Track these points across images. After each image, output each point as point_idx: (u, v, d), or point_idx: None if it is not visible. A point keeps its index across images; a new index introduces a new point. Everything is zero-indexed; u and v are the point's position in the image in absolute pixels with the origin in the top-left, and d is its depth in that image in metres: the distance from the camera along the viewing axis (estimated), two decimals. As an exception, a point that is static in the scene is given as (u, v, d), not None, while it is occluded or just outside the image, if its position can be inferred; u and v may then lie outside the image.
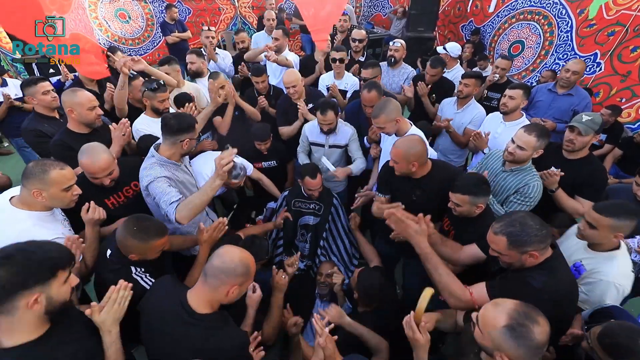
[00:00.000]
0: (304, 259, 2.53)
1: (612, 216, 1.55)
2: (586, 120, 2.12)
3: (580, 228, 1.69)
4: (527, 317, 1.07)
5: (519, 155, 2.03)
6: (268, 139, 2.80)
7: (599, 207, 1.61)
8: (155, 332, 1.37)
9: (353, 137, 2.74)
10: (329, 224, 2.45)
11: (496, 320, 1.10)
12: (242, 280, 1.32)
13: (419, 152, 1.90)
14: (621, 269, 1.61)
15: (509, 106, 2.66)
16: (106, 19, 6.89)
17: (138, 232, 1.55)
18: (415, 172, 1.96)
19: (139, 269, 1.64)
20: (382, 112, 2.21)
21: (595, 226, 1.59)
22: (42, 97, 2.50)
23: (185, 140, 1.91)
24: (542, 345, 1.05)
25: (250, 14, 8.12)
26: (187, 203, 1.71)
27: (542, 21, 5.42)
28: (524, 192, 2.02)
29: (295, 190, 2.54)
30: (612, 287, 1.57)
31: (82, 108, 2.21)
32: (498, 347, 1.09)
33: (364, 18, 8.93)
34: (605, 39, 4.47)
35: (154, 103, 2.54)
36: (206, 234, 1.82)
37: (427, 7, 5.79)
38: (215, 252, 1.36)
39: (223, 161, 1.62)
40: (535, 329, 1.05)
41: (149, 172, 1.83)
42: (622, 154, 3.69)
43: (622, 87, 4.32)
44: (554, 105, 3.29)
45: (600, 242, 1.65)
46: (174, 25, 5.70)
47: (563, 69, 3.25)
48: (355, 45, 3.81)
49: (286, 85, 2.91)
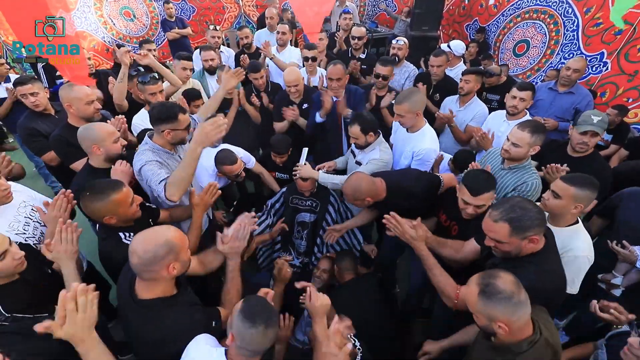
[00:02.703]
0: (299, 255, 2.52)
1: (575, 185, 1.61)
2: (598, 121, 2.11)
3: (544, 198, 1.73)
4: (489, 276, 1.19)
5: (514, 152, 2.02)
6: (286, 154, 2.76)
7: (564, 178, 1.68)
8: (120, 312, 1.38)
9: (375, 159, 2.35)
10: (326, 221, 2.43)
11: (473, 295, 1.19)
12: (172, 257, 1.24)
13: (366, 187, 1.92)
14: (587, 242, 1.68)
15: (519, 108, 2.64)
16: (111, 17, 6.93)
17: (92, 194, 1.53)
18: (375, 200, 1.98)
19: (128, 234, 1.62)
20: (407, 101, 2.17)
21: (560, 195, 1.64)
22: (32, 98, 2.48)
23: (165, 130, 1.87)
24: (515, 293, 1.13)
25: (254, 12, 8.13)
26: (173, 178, 1.69)
27: (547, 20, 5.35)
28: (522, 190, 2.00)
29: (293, 186, 2.52)
30: (586, 261, 1.65)
31: (80, 102, 2.21)
32: (489, 316, 1.16)
33: (368, 17, 8.89)
34: (612, 38, 4.40)
35: (146, 95, 2.55)
36: (197, 196, 1.81)
37: (431, 5, 5.74)
38: (129, 250, 1.24)
39: (217, 127, 1.63)
40: (499, 281, 1.15)
41: (141, 157, 1.83)
42: (628, 154, 3.63)
43: (629, 87, 4.25)
44: (555, 103, 3.25)
45: (562, 212, 1.68)
46: (174, 22, 5.76)
47: (564, 67, 3.21)
48: (355, 43, 3.80)
49: (287, 85, 2.90)
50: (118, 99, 2.75)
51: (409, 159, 2.40)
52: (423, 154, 2.29)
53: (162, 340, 1.26)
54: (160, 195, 1.70)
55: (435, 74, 3.31)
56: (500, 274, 1.18)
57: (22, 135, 2.56)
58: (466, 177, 1.78)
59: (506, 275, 1.18)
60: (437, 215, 2.08)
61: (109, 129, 1.94)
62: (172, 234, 1.28)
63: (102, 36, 6.89)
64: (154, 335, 1.26)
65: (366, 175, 1.97)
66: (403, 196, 1.98)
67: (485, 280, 1.18)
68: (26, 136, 2.52)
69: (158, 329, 1.25)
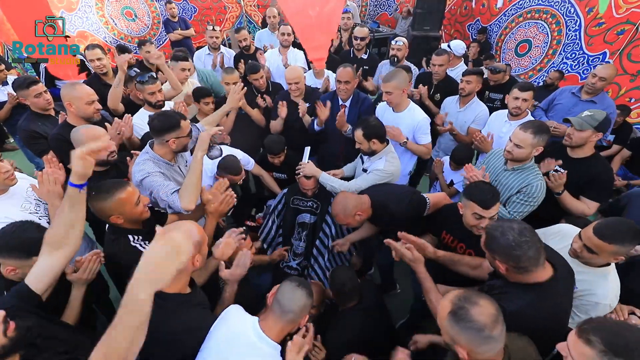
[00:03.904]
0: (297, 257, 2.51)
1: (616, 243, 1.39)
2: (585, 116, 2.07)
3: (575, 249, 1.52)
4: (467, 300, 1.07)
5: (517, 154, 1.98)
6: (282, 153, 2.75)
7: (601, 232, 1.41)
8: None
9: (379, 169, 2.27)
10: (326, 222, 2.42)
11: (444, 310, 1.11)
12: (196, 250, 1.26)
13: (353, 204, 1.95)
14: (613, 288, 1.53)
15: (523, 109, 2.62)
16: (113, 17, 6.93)
17: (98, 194, 1.54)
18: (366, 219, 2.02)
19: (137, 237, 1.64)
20: (394, 79, 2.43)
21: (596, 252, 1.43)
22: (35, 100, 2.50)
23: (170, 139, 1.88)
24: (487, 327, 1.02)
25: (256, 12, 8.12)
26: (185, 187, 1.74)
27: (549, 20, 5.33)
28: (527, 192, 1.96)
29: (294, 187, 2.51)
30: (607, 308, 1.51)
31: (81, 102, 2.21)
32: (453, 339, 1.08)
33: (370, 17, 8.88)
34: (615, 37, 4.38)
35: (145, 95, 2.55)
36: (212, 205, 1.79)
37: (433, 5, 5.73)
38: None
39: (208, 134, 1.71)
40: (474, 309, 1.04)
41: (142, 167, 1.83)
42: (631, 154, 3.61)
43: (632, 87, 4.23)
44: (574, 110, 2.96)
45: (597, 263, 1.52)
46: (176, 22, 5.71)
47: (590, 73, 3.03)
48: (357, 43, 3.78)
49: (288, 82, 2.89)
50: (113, 104, 2.73)
51: (410, 136, 2.60)
52: (422, 124, 2.55)
53: (179, 334, 1.25)
54: (175, 205, 1.73)
55: (437, 73, 3.30)
56: (481, 301, 1.07)
57: (22, 137, 2.56)
58: (470, 192, 1.73)
59: (487, 304, 1.07)
60: (439, 236, 2.01)
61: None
62: (196, 227, 1.31)
63: (103, 36, 6.90)
64: (171, 328, 1.24)
65: (351, 194, 2.08)
66: (387, 217, 2.00)
67: (460, 302, 1.08)
68: (27, 138, 2.52)
69: (179, 322, 1.25)
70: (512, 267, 1.28)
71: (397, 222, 1.95)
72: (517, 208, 1.99)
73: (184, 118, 1.93)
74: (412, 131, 2.60)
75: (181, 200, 1.71)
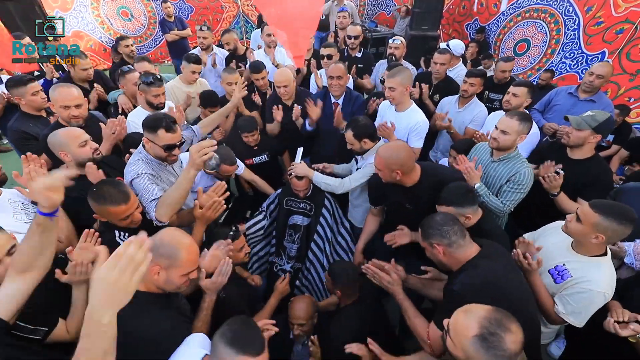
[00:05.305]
0: (290, 260, 2.46)
1: (600, 213, 1.42)
2: (585, 116, 2.05)
3: (567, 219, 1.59)
4: (499, 325, 1.01)
5: (503, 141, 2.02)
6: (255, 130, 2.69)
7: (594, 202, 1.50)
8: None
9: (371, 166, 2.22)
10: (320, 225, 2.37)
11: (467, 330, 1.03)
12: (166, 263, 1.22)
13: (401, 159, 1.81)
14: (608, 278, 1.52)
15: (512, 104, 2.60)
16: (108, 17, 6.89)
17: (95, 194, 1.54)
18: (403, 180, 1.87)
19: (124, 234, 1.63)
20: (399, 75, 2.37)
21: (581, 220, 1.49)
22: (32, 98, 2.47)
23: (145, 138, 1.84)
24: (515, 354, 0.99)
25: (253, 12, 8.08)
26: (165, 199, 1.67)
27: (548, 19, 5.30)
28: (517, 180, 2.01)
29: (288, 188, 2.47)
30: (601, 297, 1.50)
31: (56, 104, 2.21)
32: (470, 358, 1.02)
33: (368, 16, 8.85)
34: (614, 37, 4.35)
35: (148, 97, 2.50)
36: (199, 210, 1.75)
37: (431, 5, 5.69)
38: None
39: (202, 150, 1.55)
40: (508, 337, 0.99)
41: (133, 168, 1.79)
42: (629, 155, 3.57)
43: (631, 87, 4.20)
44: (573, 111, 2.85)
45: (581, 240, 1.54)
46: (173, 22, 5.64)
47: (587, 71, 2.98)
48: (351, 42, 3.74)
49: (277, 85, 2.84)
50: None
51: (405, 137, 2.51)
52: (420, 126, 2.47)
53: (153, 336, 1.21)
54: (150, 214, 1.69)
55: (437, 72, 3.25)
56: (512, 327, 1.01)
57: (13, 138, 2.52)
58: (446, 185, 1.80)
59: (517, 330, 1.01)
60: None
61: (74, 133, 1.87)
62: (186, 251, 1.31)
63: (99, 36, 6.87)
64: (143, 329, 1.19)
65: (407, 148, 1.89)
66: (432, 183, 1.88)
67: (492, 327, 1.00)
68: (17, 139, 2.48)
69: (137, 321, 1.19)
70: (446, 245, 1.44)
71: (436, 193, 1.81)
72: (510, 196, 2.03)
73: (169, 129, 1.80)
74: (407, 131, 2.53)
75: (157, 210, 1.66)
